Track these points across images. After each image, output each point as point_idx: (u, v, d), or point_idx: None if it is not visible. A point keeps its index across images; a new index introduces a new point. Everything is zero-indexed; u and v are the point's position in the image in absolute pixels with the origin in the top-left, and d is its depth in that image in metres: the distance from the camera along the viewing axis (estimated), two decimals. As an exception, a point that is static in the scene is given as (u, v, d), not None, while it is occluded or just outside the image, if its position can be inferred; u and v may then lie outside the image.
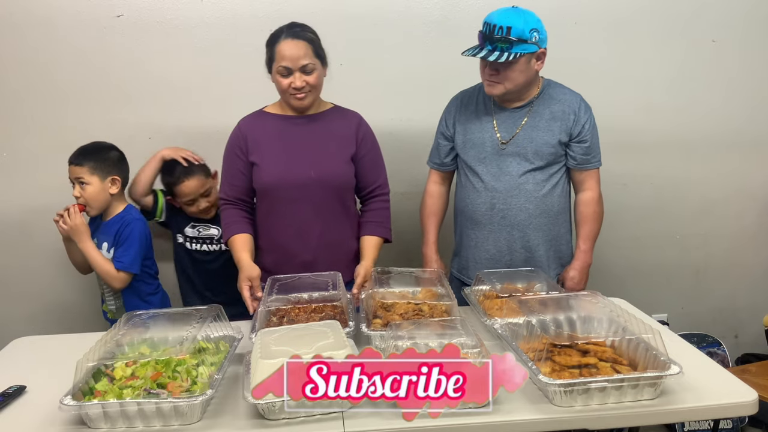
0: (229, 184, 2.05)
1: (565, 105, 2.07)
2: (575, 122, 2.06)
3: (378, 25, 2.53)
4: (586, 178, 2.14)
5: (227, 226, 2.03)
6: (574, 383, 1.31)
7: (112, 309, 2.25)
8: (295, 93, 1.93)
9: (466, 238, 2.19)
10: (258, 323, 1.65)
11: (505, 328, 1.63)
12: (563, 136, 2.05)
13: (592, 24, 2.66)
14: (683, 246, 2.93)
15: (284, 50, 1.89)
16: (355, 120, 2.09)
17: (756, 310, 2.93)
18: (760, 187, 2.91)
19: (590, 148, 2.09)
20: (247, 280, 1.87)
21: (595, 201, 2.15)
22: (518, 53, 1.90)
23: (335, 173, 2.01)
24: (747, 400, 1.36)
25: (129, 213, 2.22)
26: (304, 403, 1.30)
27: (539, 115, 2.06)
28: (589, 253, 2.16)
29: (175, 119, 2.55)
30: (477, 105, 2.14)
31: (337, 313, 1.70)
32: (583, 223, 2.16)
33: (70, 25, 2.44)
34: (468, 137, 2.12)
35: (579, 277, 2.13)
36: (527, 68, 1.96)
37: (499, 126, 2.08)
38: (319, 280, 1.89)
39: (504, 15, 1.92)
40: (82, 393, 1.33)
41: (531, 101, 2.07)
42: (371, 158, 2.10)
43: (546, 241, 2.12)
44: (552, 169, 2.09)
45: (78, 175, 2.12)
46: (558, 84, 2.13)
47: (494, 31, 1.90)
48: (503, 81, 1.97)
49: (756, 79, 2.80)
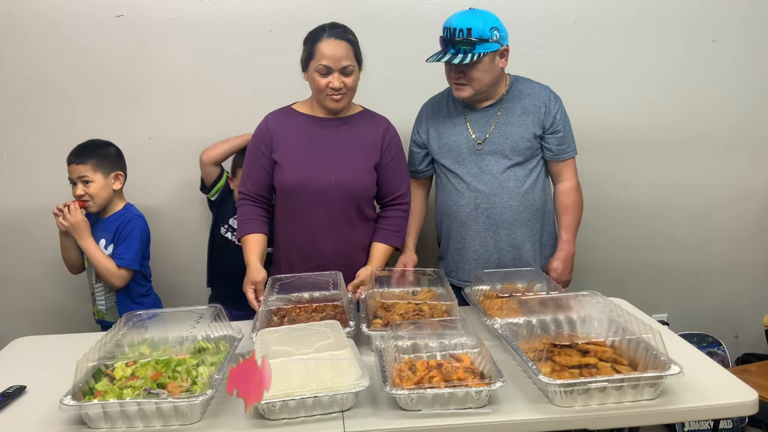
0: (251, 179, 2.03)
1: (534, 98, 2.09)
2: (546, 114, 2.08)
3: (378, 26, 2.53)
4: (563, 168, 2.16)
5: (243, 223, 2.02)
6: (574, 383, 1.31)
7: (102, 309, 2.23)
8: (332, 94, 1.92)
9: (452, 240, 2.18)
10: (259, 323, 1.65)
11: (505, 328, 1.63)
12: (537, 129, 2.08)
13: (592, 24, 2.66)
14: (683, 246, 2.93)
15: (326, 49, 1.88)
16: (383, 126, 2.07)
17: (756, 310, 2.93)
18: (760, 187, 2.91)
19: (564, 137, 2.12)
20: (251, 283, 1.87)
21: (573, 190, 2.17)
22: (481, 53, 1.93)
23: (355, 181, 2.00)
24: (747, 400, 1.36)
25: (129, 210, 2.22)
26: (305, 403, 1.30)
27: (511, 111, 2.09)
28: (572, 243, 2.17)
29: (175, 119, 2.56)
30: (448, 109, 2.16)
31: (338, 313, 1.70)
32: (563, 213, 2.18)
33: (70, 25, 2.44)
34: (443, 141, 2.13)
35: (563, 268, 2.14)
36: (492, 67, 1.98)
37: (472, 126, 2.10)
38: (320, 280, 1.89)
39: (463, 17, 1.95)
40: (82, 393, 1.33)
41: (500, 98, 2.10)
42: (394, 166, 2.08)
43: (531, 236, 2.13)
44: (531, 164, 2.11)
45: (81, 173, 2.12)
46: (525, 78, 2.15)
47: (455, 34, 1.94)
48: (470, 82, 1.99)
49: (756, 80, 2.80)
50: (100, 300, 2.23)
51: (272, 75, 2.49)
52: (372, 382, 1.35)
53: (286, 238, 2.05)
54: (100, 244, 2.17)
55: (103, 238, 2.19)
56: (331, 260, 2.01)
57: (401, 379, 1.35)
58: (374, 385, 1.37)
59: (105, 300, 2.22)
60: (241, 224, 2.02)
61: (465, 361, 1.43)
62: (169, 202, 2.62)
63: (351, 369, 1.34)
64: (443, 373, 1.36)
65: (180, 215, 2.64)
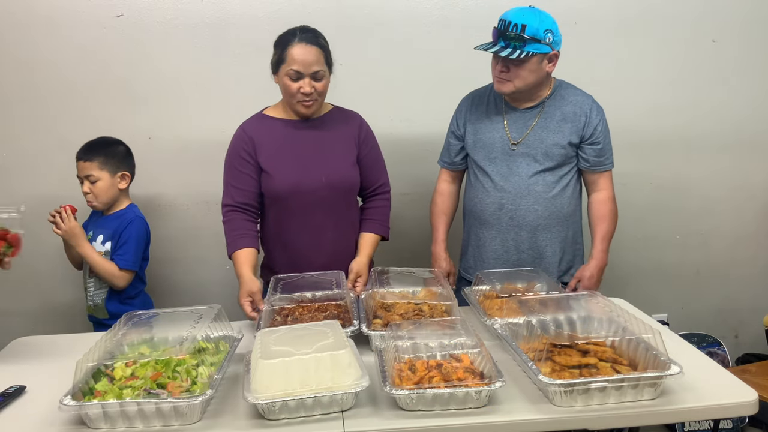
0: (237, 188, 1.98)
1: (576, 106, 2.05)
2: (587, 124, 2.04)
3: (378, 25, 2.53)
4: (599, 179, 2.12)
5: (234, 238, 1.96)
6: (574, 383, 1.31)
7: (91, 305, 2.23)
8: (303, 99, 1.91)
9: (474, 237, 2.18)
10: (263, 322, 1.66)
11: (505, 328, 1.63)
12: (574, 138, 2.04)
13: (592, 24, 2.66)
14: (683, 246, 2.93)
15: (297, 54, 1.87)
16: (356, 121, 2.09)
17: (756, 310, 2.93)
18: (760, 187, 2.91)
19: (603, 150, 2.08)
20: (248, 295, 1.84)
21: (610, 200, 2.13)
22: (530, 52, 1.90)
23: (345, 177, 2.01)
24: (747, 400, 1.36)
25: (131, 211, 2.23)
26: (305, 403, 1.30)
27: (550, 116, 2.05)
28: (606, 253, 2.12)
29: (175, 119, 2.56)
30: (488, 105, 2.13)
31: (341, 312, 1.70)
32: (598, 222, 2.13)
33: (70, 25, 2.44)
34: (478, 137, 2.12)
35: (597, 277, 2.10)
36: (538, 68, 1.95)
37: (509, 126, 2.08)
38: (323, 279, 1.89)
39: (520, 13, 1.92)
40: (82, 393, 1.33)
41: (542, 102, 2.07)
42: (373, 158, 2.10)
43: (554, 242, 2.10)
44: (562, 171, 2.07)
45: (88, 171, 2.12)
46: (570, 85, 2.12)
47: (509, 27, 1.91)
48: (513, 79, 1.96)
49: (756, 79, 2.80)
50: (90, 295, 2.23)
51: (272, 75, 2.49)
52: (372, 382, 1.35)
53: (283, 244, 2.04)
54: (98, 239, 2.18)
55: (101, 234, 2.19)
56: (330, 258, 2.01)
57: (401, 379, 1.35)
58: (374, 385, 1.37)
59: (94, 296, 2.21)
60: (232, 239, 1.96)
61: (465, 361, 1.43)
62: (169, 201, 2.62)
63: (351, 369, 1.34)
64: (443, 373, 1.36)
65: (180, 215, 2.64)
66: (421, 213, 2.47)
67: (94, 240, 2.19)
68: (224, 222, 1.99)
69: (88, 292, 2.23)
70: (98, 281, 2.19)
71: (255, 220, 2.02)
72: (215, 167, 2.42)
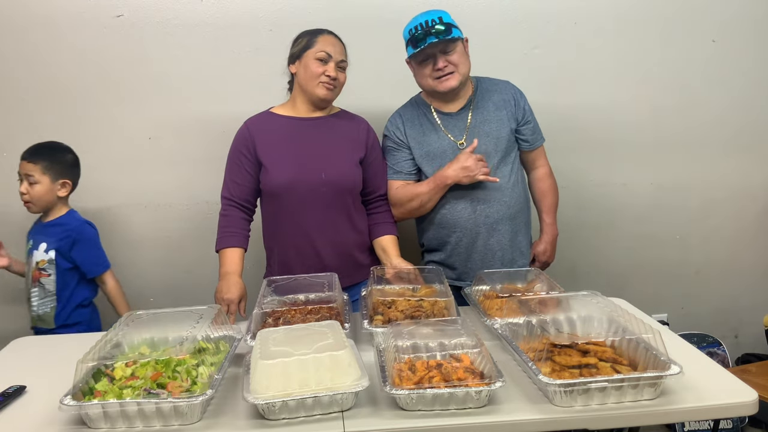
0: (235, 183, 2.03)
1: (503, 94, 2.13)
2: (516, 106, 2.13)
3: (378, 26, 2.53)
4: (537, 155, 2.23)
5: (227, 234, 1.99)
6: (574, 383, 1.31)
7: (36, 316, 2.17)
8: (326, 81, 1.96)
9: (450, 247, 2.14)
10: (253, 325, 1.64)
11: (505, 328, 1.63)
12: (512, 123, 2.12)
13: (592, 24, 2.66)
14: (683, 246, 2.93)
15: (328, 41, 1.98)
16: (364, 125, 2.12)
17: (756, 310, 2.93)
18: (760, 188, 2.91)
19: (534, 127, 2.18)
20: (225, 302, 1.88)
21: (549, 175, 2.26)
22: (459, 36, 1.99)
23: (345, 175, 2.02)
24: (747, 400, 1.36)
25: (73, 217, 2.21)
26: (304, 403, 1.30)
27: (485, 110, 2.11)
28: (555, 225, 2.26)
29: (175, 119, 2.56)
30: (419, 117, 2.15)
31: (333, 315, 1.69)
32: (543, 197, 2.25)
33: (70, 25, 2.44)
34: (425, 150, 2.12)
35: (551, 250, 2.23)
36: (466, 54, 2.04)
37: (449, 131, 2.11)
38: (315, 282, 1.88)
39: (427, 12, 2.01)
40: (82, 393, 1.33)
41: (470, 99, 2.12)
42: (379, 163, 2.14)
43: (523, 226, 2.17)
44: (510, 158, 2.14)
45: (29, 171, 2.12)
46: (486, 78, 2.19)
47: (429, 24, 1.97)
48: (456, 70, 2.01)
49: (756, 80, 2.80)
50: (34, 306, 2.17)
51: (272, 75, 2.49)
52: (372, 382, 1.35)
53: (280, 241, 2.05)
54: (41, 248, 2.15)
55: (45, 242, 2.16)
56: (330, 257, 2.02)
57: (401, 379, 1.35)
58: (374, 385, 1.37)
59: (38, 306, 2.17)
60: (225, 235, 1.99)
61: (465, 361, 1.43)
62: (169, 201, 2.62)
63: (351, 369, 1.34)
64: (443, 373, 1.36)
65: (180, 215, 2.63)
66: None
67: (36, 248, 2.16)
68: (221, 215, 2.04)
69: (32, 303, 2.18)
70: (43, 290, 2.16)
71: (249, 218, 2.07)
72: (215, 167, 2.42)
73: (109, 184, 2.55)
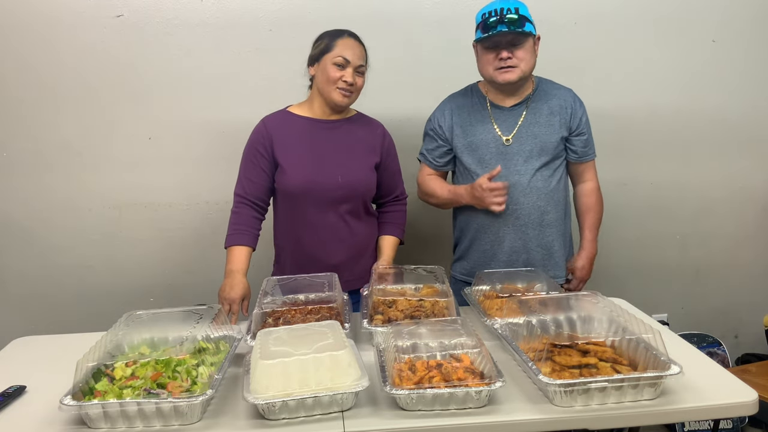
0: (249, 181, 2.00)
1: (561, 100, 2.09)
2: (572, 116, 2.08)
3: (378, 26, 2.53)
4: (585, 169, 2.18)
5: (236, 231, 1.98)
6: (574, 383, 1.31)
7: None
8: (344, 87, 1.94)
9: (477, 242, 2.14)
10: (253, 325, 1.64)
11: (505, 328, 1.63)
12: (564, 131, 2.07)
13: (592, 24, 2.66)
14: (683, 246, 2.93)
15: (348, 45, 1.94)
16: (380, 129, 2.11)
17: (756, 310, 2.93)
18: (760, 187, 2.91)
19: (588, 140, 2.13)
20: (227, 301, 1.88)
21: (596, 190, 2.20)
22: (530, 31, 1.94)
23: (361, 179, 2.02)
24: (747, 400, 1.36)
25: None
26: (305, 403, 1.30)
27: (538, 111, 2.07)
28: (595, 242, 2.20)
29: (175, 119, 2.56)
30: (472, 107, 2.12)
31: (333, 315, 1.69)
32: (586, 212, 2.20)
33: (70, 25, 2.44)
34: (469, 140, 2.10)
35: (589, 267, 2.17)
36: (533, 52, 1.99)
37: (499, 125, 2.07)
38: (315, 282, 1.88)
39: (506, 0, 1.95)
40: (82, 393, 1.33)
41: (527, 98, 2.08)
42: (394, 167, 2.14)
43: (560, 236, 2.12)
44: (555, 164, 2.09)
45: None
46: (548, 80, 2.15)
47: (503, 12, 1.92)
48: (519, 64, 1.96)
49: (756, 79, 2.80)
50: None
51: (272, 75, 2.49)
52: (372, 381, 1.35)
53: (295, 242, 2.04)
54: None
55: None
56: (343, 260, 2.02)
57: (401, 379, 1.35)
58: (374, 385, 1.37)
59: None
60: (235, 232, 1.98)
61: (465, 361, 1.43)
62: (169, 201, 2.62)
63: (351, 369, 1.34)
64: (443, 373, 1.36)
65: (180, 215, 2.64)
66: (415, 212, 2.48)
67: None
68: (233, 211, 2.02)
69: None
70: None
71: (261, 217, 2.04)
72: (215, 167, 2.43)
73: (109, 184, 2.55)
